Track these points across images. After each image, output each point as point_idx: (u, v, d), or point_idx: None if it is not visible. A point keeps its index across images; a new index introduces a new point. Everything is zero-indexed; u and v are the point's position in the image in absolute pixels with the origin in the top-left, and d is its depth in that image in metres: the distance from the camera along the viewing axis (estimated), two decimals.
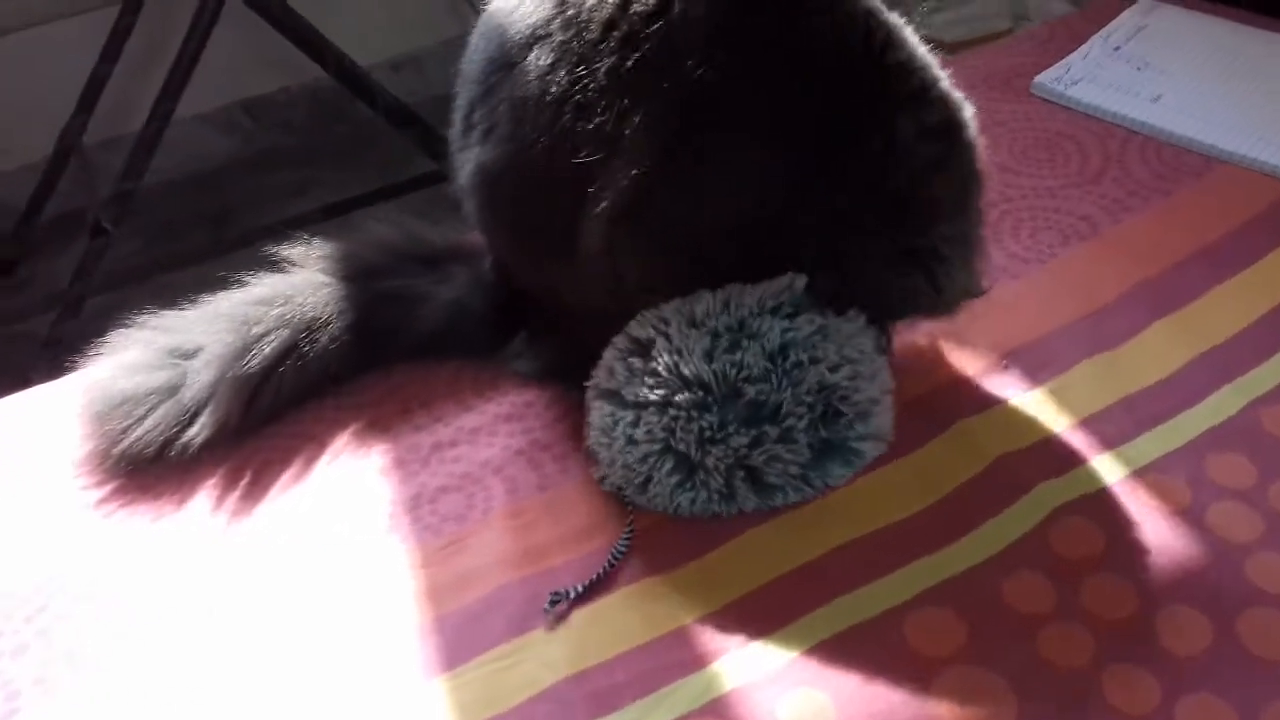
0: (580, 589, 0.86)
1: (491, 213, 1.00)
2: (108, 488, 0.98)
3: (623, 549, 0.89)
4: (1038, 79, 1.42)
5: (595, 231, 0.95)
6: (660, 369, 0.90)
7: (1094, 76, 1.41)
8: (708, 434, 0.88)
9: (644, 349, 0.92)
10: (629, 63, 0.88)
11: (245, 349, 0.99)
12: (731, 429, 0.88)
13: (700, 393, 0.88)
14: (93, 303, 2.12)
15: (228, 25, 2.02)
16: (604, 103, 0.89)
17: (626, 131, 0.88)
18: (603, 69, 0.88)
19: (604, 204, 0.92)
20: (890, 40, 0.91)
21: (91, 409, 0.98)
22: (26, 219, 2.29)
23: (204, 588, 0.90)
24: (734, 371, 0.89)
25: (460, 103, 1.01)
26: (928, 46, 0.96)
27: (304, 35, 2.08)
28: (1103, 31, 1.49)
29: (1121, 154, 1.31)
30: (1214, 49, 1.43)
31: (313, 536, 0.94)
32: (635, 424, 0.90)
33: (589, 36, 0.90)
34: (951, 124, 0.93)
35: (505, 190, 0.97)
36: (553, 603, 0.85)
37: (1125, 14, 1.52)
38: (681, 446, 0.89)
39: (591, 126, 0.89)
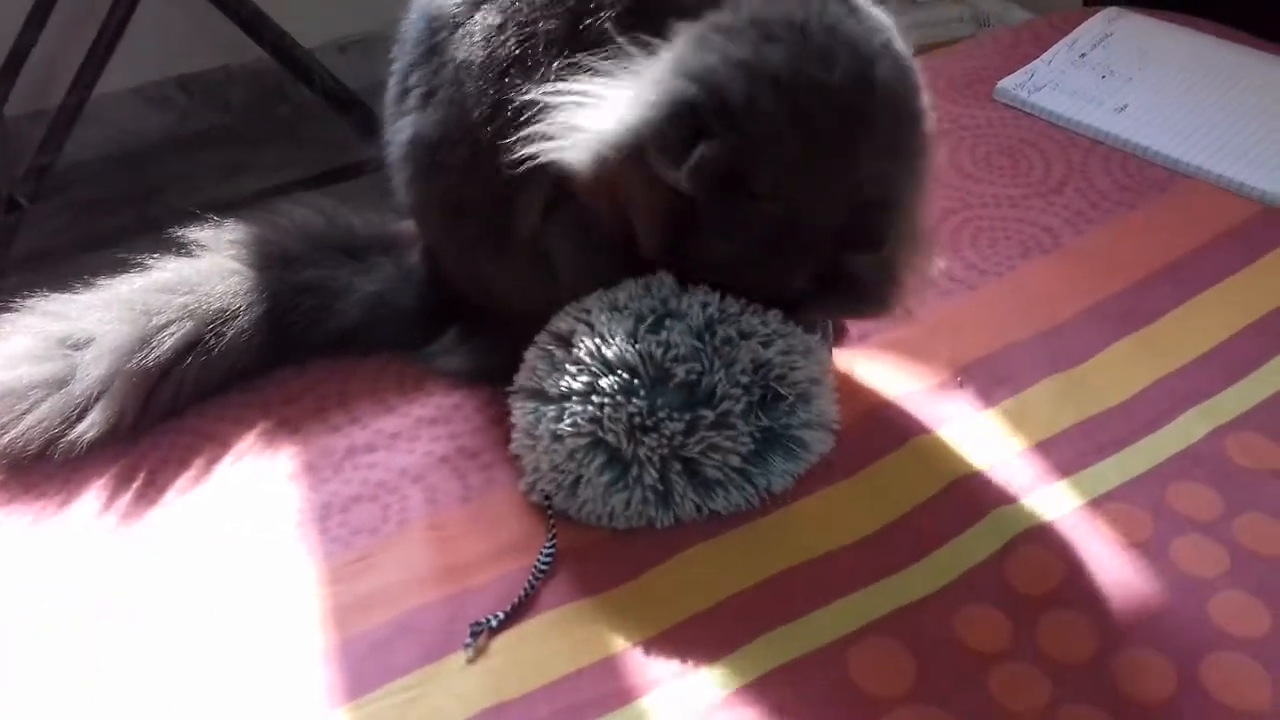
0: (501, 616, 0.79)
1: (424, 187, 0.93)
2: None
3: (544, 566, 0.82)
4: (1000, 84, 1.37)
5: (530, 212, 0.88)
6: (583, 355, 0.83)
7: (1058, 83, 1.37)
8: (638, 420, 0.81)
9: (565, 340, 0.85)
10: (577, 27, 0.81)
11: (144, 341, 0.91)
12: (663, 414, 0.81)
13: (626, 375, 0.81)
14: (7, 282, 2.01)
15: None
16: (548, 67, 0.82)
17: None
18: (549, 31, 0.82)
19: (540, 186, 0.85)
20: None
21: None
22: None
23: (86, 598, 0.82)
24: (660, 351, 0.82)
25: (397, 67, 0.94)
26: None
27: (242, 12, 1.99)
28: (1068, 38, 1.45)
29: (1085, 164, 1.26)
30: (1180, 60, 1.39)
31: (209, 547, 0.86)
32: (559, 418, 0.83)
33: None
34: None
35: (442, 161, 0.90)
36: (474, 634, 0.78)
37: (1091, 21, 1.47)
38: (611, 438, 0.82)
39: (534, 93, 0.82)
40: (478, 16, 0.86)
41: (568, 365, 0.83)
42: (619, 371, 0.81)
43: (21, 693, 0.76)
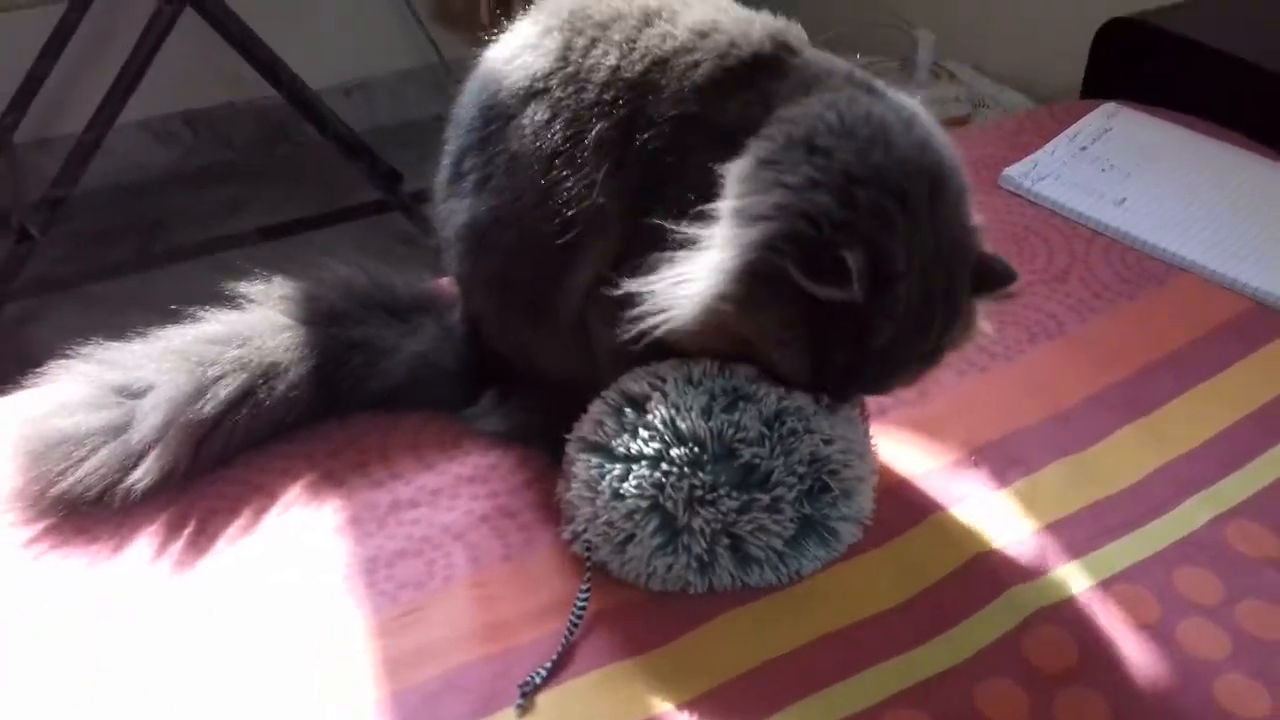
0: (545, 671, 0.82)
1: (475, 266, 0.97)
2: (39, 527, 0.91)
3: (579, 615, 0.86)
4: (1006, 171, 1.44)
5: (574, 294, 0.92)
6: (656, 422, 0.87)
7: (1060, 174, 1.44)
8: (699, 493, 0.85)
9: (638, 403, 0.89)
10: (612, 128, 0.87)
11: (199, 392, 0.94)
12: (723, 491, 0.86)
13: (695, 449, 0.86)
14: (11, 308, 2.02)
15: (177, 34, 1.96)
16: (591, 164, 0.87)
17: (602, 199, 0.87)
18: (593, 130, 0.87)
19: (585, 270, 0.90)
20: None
21: (27, 446, 0.92)
22: None
23: (139, 643, 0.84)
24: (730, 431, 0.86)
25: (450, 149, 0.98)
26: None
27: (260, 55, 2.03)
28: (1069, 130, 1.52)
29: (1087, 254, 1.32)
30: (1176, 157, 1.47)
31: (259, 596, 0.88)
32: (624, 478, 0.87)
33: (586, 96, 0.88)
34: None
35: (493, 243, 0.94)
36: (524, 693, 0.81)
37: (1091, 115, 1.55)
38: (669, 505, 0.86)
39: (578, 188, 0.87)
40: (529, 110, 0.90)
41: (640, 429, 0.87)
42: (689, 444, 0.86)
43: None
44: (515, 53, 0.94)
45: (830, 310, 0.79)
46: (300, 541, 0.93)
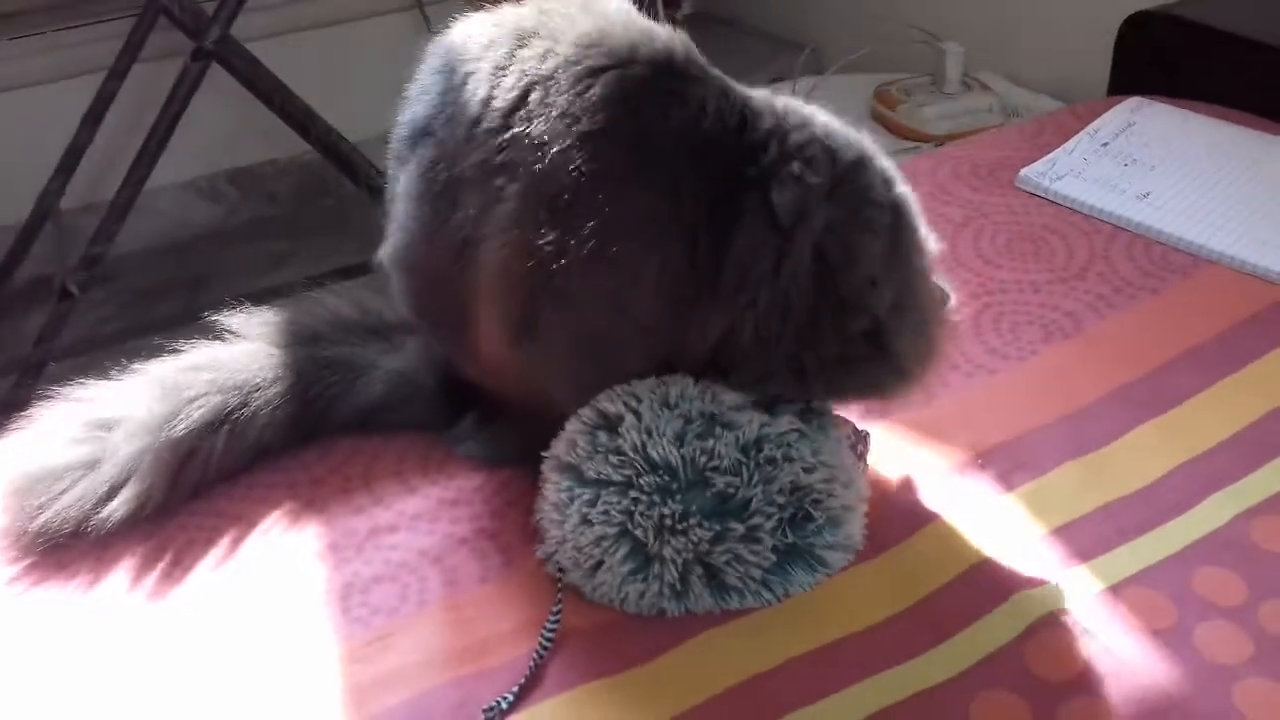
0: (511, 696, 0.79)
1: (404, 302, 0.96)
2: (22, 565, 0.91)
3: (549, 638, 0.83)
4: (1023, 172, 1.39)
5: (490, 339, 0.90)
6: (626, 447, 0.84)
7: (1080, 171, 1.39)
8: (669, 522, 0.82)
9: (611, 424, 0.86)
10: (494, 159, 0.84)
11: (172, 415, 0.93)
12: (694, 520, 0.82)
13: (666, 477, 0.83)
14: (58, 368, 2.07)
15: (217, 95, 2.01)
16: (473, 200, 0.85)
17: (485, 232, 0.84)
18: (469, 165, 0.85)
19: (494, 311, 0.87)
20: (747, 116, 0.85)
21: (10, 485, 0.92)
22: None
23: (114, 676, 0.83)
24: (704, 459, 0.83)
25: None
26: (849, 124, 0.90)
27: (290, 109, 2.06)
28: (1090, 127, 1.47)
29: (1107, 250, 1.27)
30: (1203, 147, 1.41)
31: (233, 625, 0.87)
32: (593, 503, 0.84)
33: (458, 133, 0.86)
34: (845, 179, 0.85)
35: (407, 283, 0.94)
36: (488, 718, 0.78)
37: (1113, 110, 1.50)
38: (639, 533, 0.83)
39: (464, 224, 0.85)
40: (419, 152, 0.89)
41: (610, 454, 0.84)
42: (660, 471, 0.83)
43: None
44: (418, 93, 0.91)
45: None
46: (277, 569, 0.91)
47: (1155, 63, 1.57)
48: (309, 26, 2.49)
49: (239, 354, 0.99)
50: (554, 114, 0.81)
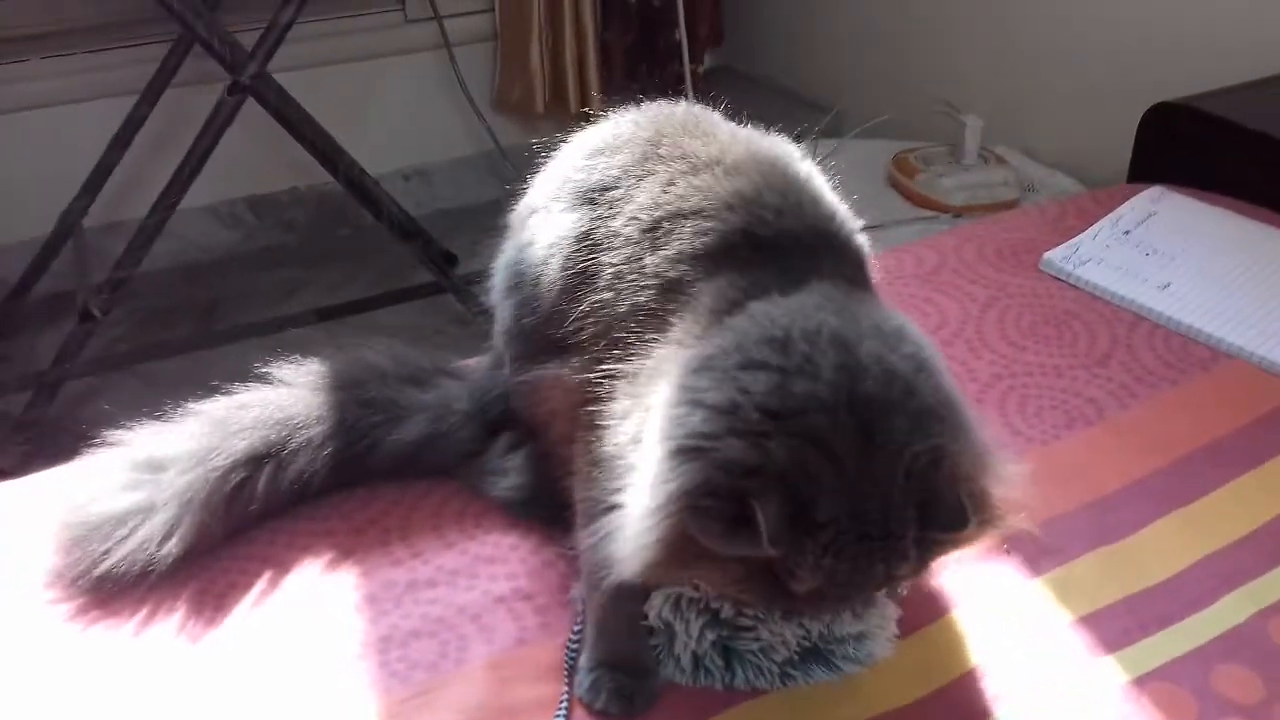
0: None
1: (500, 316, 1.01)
2: (75, 604, 0.93)
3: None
4: (1047, 255, 1.42)
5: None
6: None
7: (1102, 258, 1.42)
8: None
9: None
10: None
11: (219, 447, 0.96)
12: (720, 608, 0.86)
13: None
14: (73, 386, 2.08)
15: (241, 123, 2.03)
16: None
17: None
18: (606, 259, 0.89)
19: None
20: None
21: (68, 532, 0.94)
22: (15, 295, 2.26)
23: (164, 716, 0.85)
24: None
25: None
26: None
27: (318, 143, 2.09)
28: (1112, 214, 1.50)
29: (1129, 338, 1.30)
30: (1223, 241, 1.44)
31: (273, 673, 0.88)
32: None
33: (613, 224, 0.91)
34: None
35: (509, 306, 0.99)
36: None
37: (1135, 199, 1.53)
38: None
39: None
40: (574, 215, 0.93)
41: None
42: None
43: None
44: (590, 154, 0.95)
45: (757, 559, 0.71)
46: (316, 618, 0.93)
47: (1177, 153, 1.61)
48: (337, 61, 2.53)
49: (284, 395, 1.02)
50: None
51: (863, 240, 0.92)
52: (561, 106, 2.65)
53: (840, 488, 0.70)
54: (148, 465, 0.96)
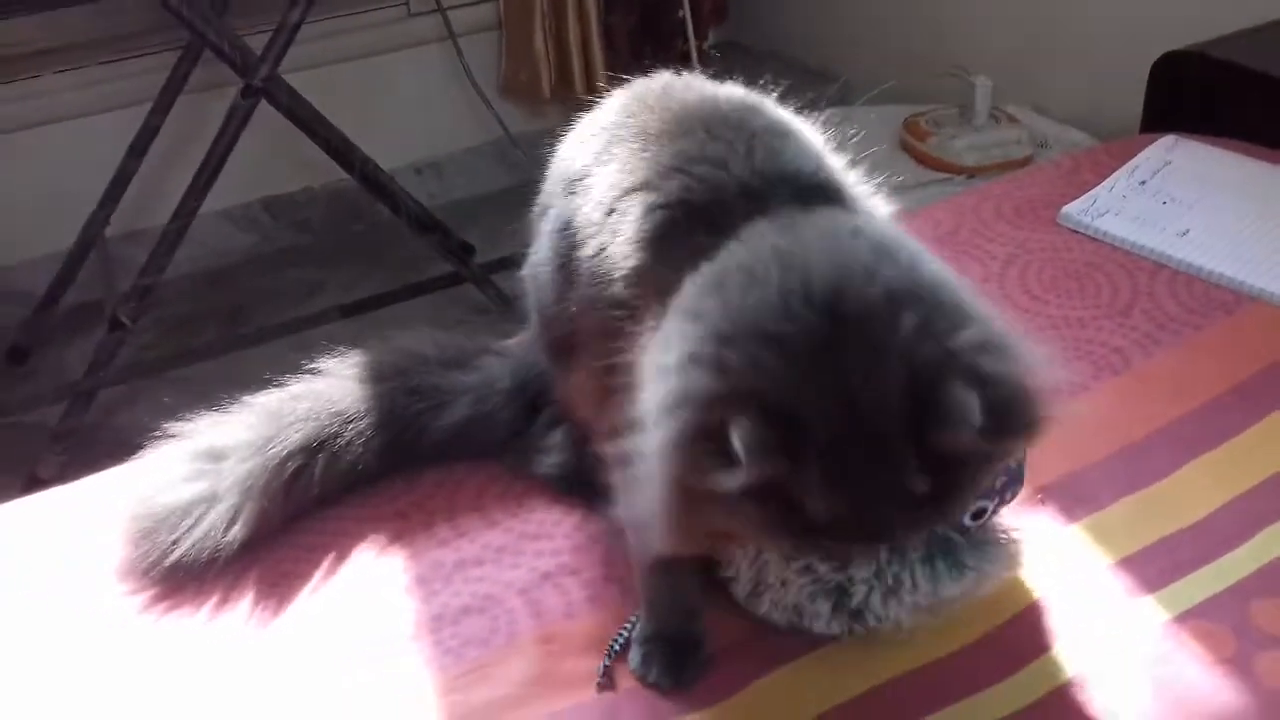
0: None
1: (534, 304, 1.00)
2: (147, 595, 0.97)
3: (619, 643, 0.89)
4: (1065, 209, 1.43)
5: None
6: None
7: (1120, 209, 1.43)
8: None
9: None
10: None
11: (275, 436, 0.99)
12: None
13: None
14: (104, 395, 2.11)
15: (254, 125, 2.05)
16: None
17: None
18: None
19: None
20: None
21: (137, 525, 0.97)
22: (43, 307, 2.29)
23: (222, 700, 0.88)
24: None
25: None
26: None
27: (332, 141, 2.11)
28: (1128, 165, 1.51)
29: (1150, 286, 1.31)
30: (1239, 185, 1.45)
31: (329, 654, 0.91)
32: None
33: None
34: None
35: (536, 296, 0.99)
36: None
37: (1150, 149, 1.54)
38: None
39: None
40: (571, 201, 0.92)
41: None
42: None
43: None
44: (572, 143, 0.96)
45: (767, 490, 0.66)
46: (371, 601, 0.95)
47: (1188, 101, 1.61)
48: (343, 59, 2.54)
49: (334, 386, 1.05)
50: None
51: (868, 196, 0.91)
52: (568, 90, 2.67)
53: (819, 387, 0.65)
54: (208, 455, 1.00)
